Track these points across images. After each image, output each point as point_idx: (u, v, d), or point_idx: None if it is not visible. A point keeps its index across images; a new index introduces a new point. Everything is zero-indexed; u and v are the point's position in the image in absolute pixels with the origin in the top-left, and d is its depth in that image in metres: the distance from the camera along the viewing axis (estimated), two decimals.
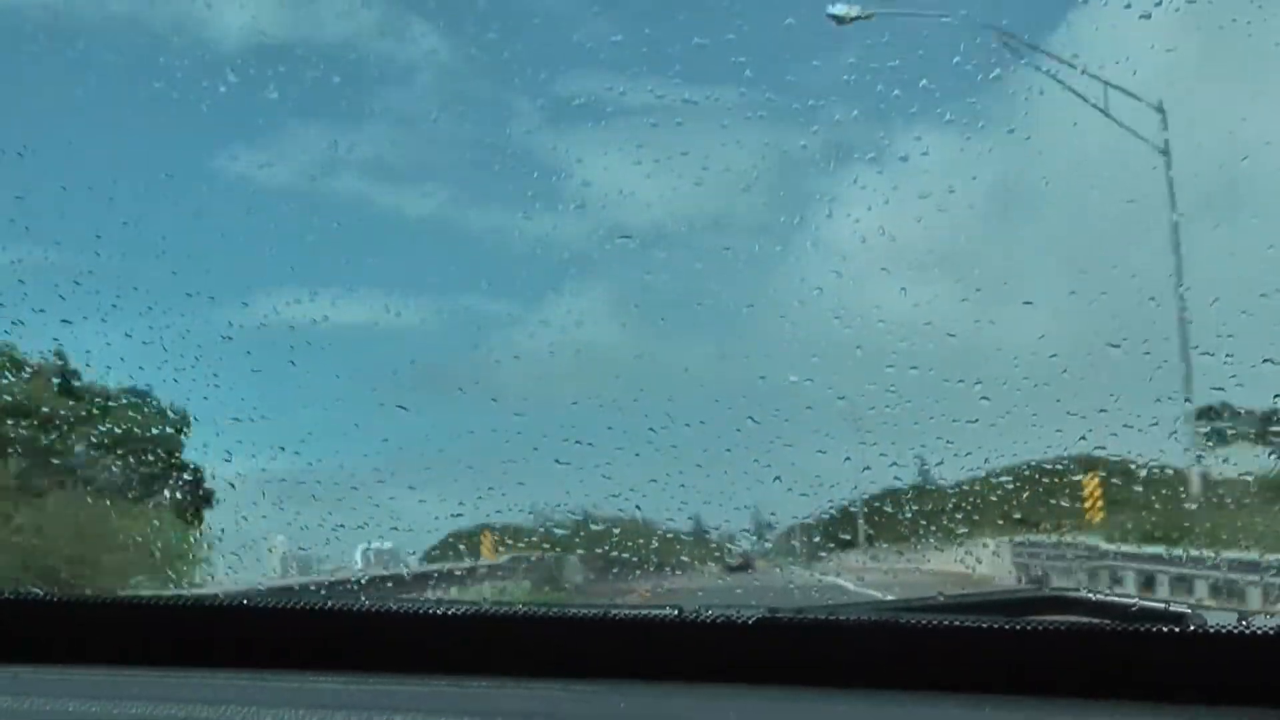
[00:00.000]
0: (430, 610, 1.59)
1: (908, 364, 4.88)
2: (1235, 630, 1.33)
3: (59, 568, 9.45)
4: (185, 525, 10.88)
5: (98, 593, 1.76)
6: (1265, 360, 3.99)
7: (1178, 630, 1.35)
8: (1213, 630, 1.35)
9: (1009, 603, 1.59)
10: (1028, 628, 1.41)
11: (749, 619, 1.47)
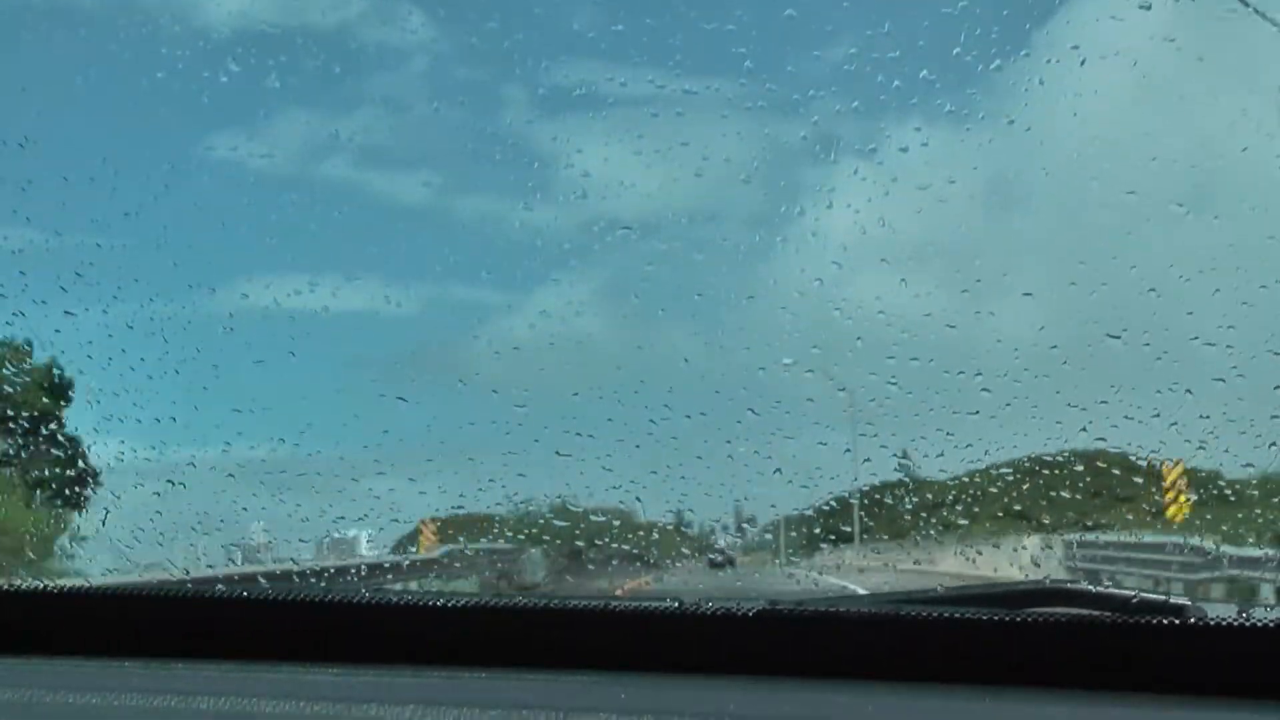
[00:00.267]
0: (429, 601, 1.59)
1: (908, 355, 4.89)
2: (1235, 623, 1.33)
3: None
4: (54, 508, 9.35)
5: (93, 584, 1.76)
6: (1267, 350, 4.00)
7: (1178, 622, 1.35)
8: (1213, 622, 1.34)
9: (1009, 595, 1.59)
10: (1028, 620, 1.40)
11: (749, 611, 1.46)
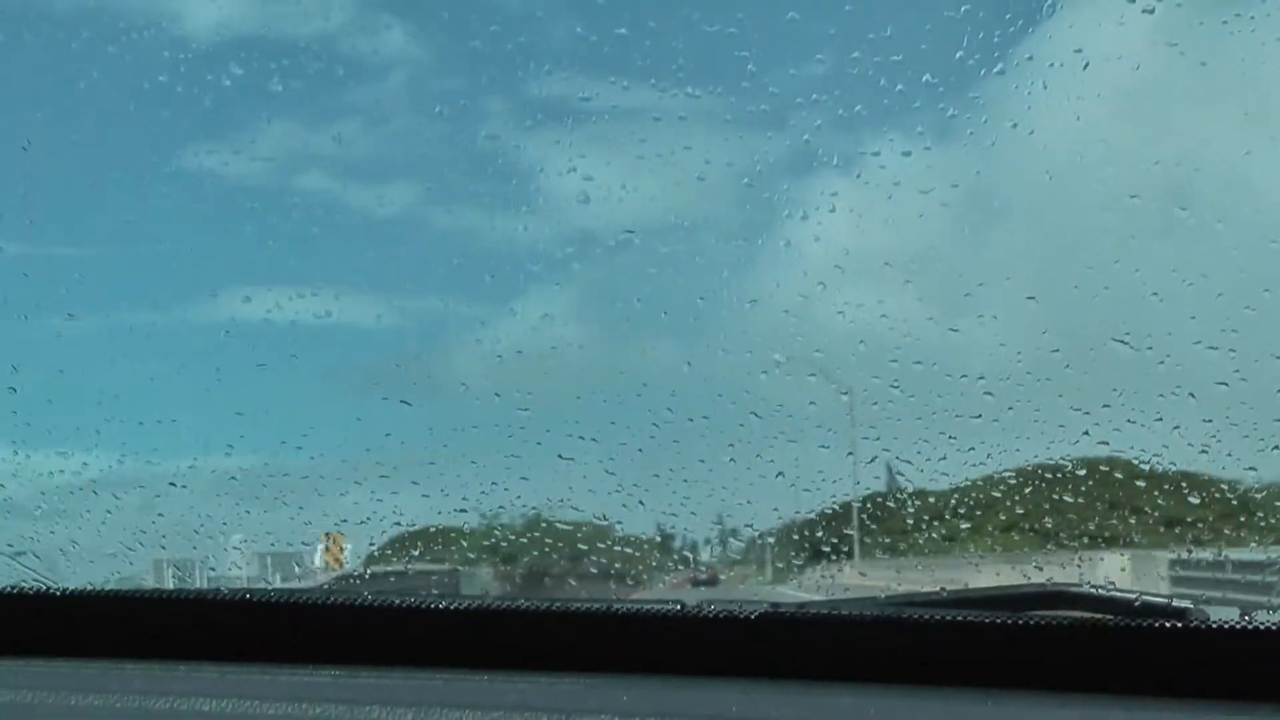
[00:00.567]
0: (431, 604, 1.59)
1: (911, 359, 4.88)
2: (1238, 625, 1.33)
3: None
4: None
5: (92, 586, 1.76)
6: (1270, 354, 3.99)
7: (1181, 625, 1.35)
8: (1216, 625, 1.34)
9: (1012, 598, 1.59)
10: (1031, 623, 1.40)
11: (751, 613, 1.46)
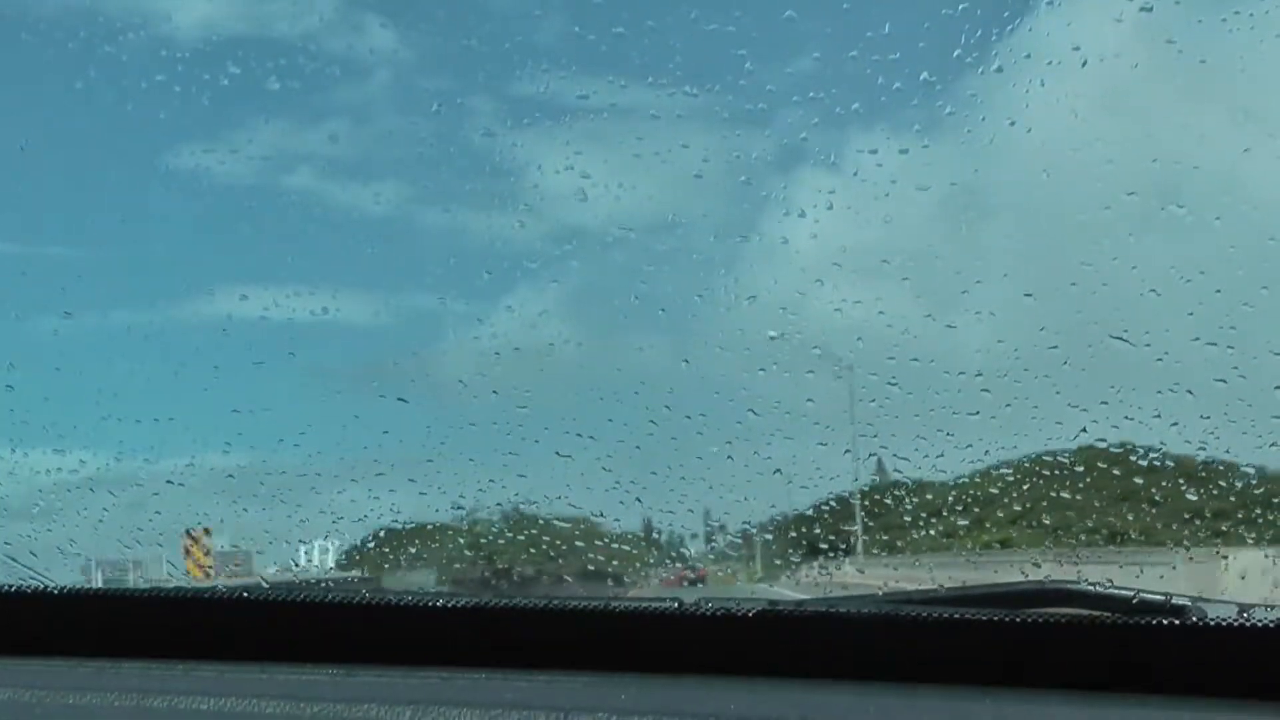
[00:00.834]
0: (429, 602, 1.59)
1: (909, 355, 4.88)
2: (1236, 623, 1.33)
3: None
4: None
5: (89, 585, 1.76)
6: (1268, 351, 3.99)
7: (1178, 623, 1.35)
8: (1213, 623, 1.34)
9: (1010, 595, 1.59)
10: (1029, 620, 1.40)
11: (749, 611, 1.46)
